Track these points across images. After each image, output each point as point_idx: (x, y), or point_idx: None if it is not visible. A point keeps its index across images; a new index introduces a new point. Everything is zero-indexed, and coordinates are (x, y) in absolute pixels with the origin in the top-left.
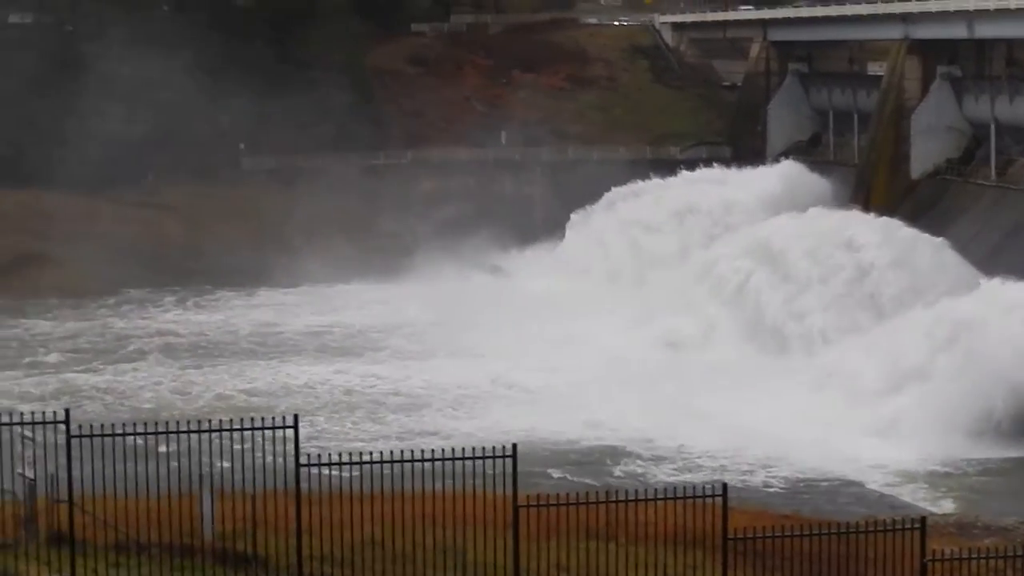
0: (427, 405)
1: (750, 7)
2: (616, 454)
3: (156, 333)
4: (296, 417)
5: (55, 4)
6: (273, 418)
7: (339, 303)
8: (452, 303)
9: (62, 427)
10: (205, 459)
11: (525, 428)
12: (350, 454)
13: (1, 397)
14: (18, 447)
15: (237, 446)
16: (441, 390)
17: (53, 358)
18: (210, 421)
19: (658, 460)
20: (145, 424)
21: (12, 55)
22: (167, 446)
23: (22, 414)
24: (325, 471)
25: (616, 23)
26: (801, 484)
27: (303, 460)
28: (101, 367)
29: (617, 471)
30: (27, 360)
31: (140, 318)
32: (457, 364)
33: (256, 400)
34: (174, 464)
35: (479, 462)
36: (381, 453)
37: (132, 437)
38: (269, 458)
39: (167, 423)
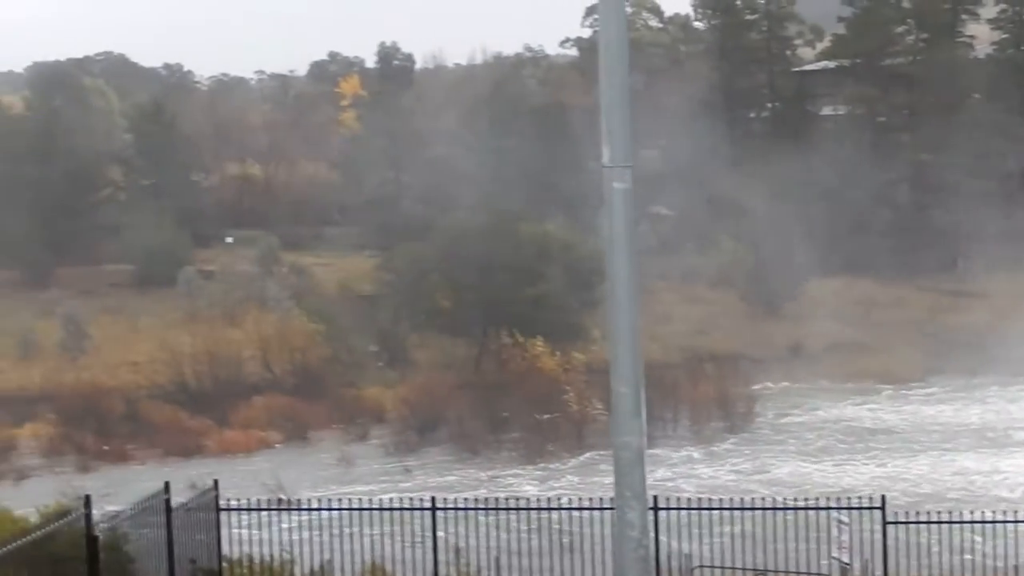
0: None
1: None
2: None
3: (962, 423)
4: None
5: (867, 96)
6: None
7: None
8: None
9: (877, 513)
10: None
11: None
12: None
13: (814, 484)
14: (834, 531)
15: None
16: None
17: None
18: None
19: None
20: (961, 512)
21: (826, 145)
22: (981, 535)
23: (839, 499)
24: None
25: None
26: None
27: None
28: (910, 456)
29: None
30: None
31: (945, 404)
32: None
33: None
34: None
35: None
36: None
37: (947, 525)
38: None
39: (982, 512)
